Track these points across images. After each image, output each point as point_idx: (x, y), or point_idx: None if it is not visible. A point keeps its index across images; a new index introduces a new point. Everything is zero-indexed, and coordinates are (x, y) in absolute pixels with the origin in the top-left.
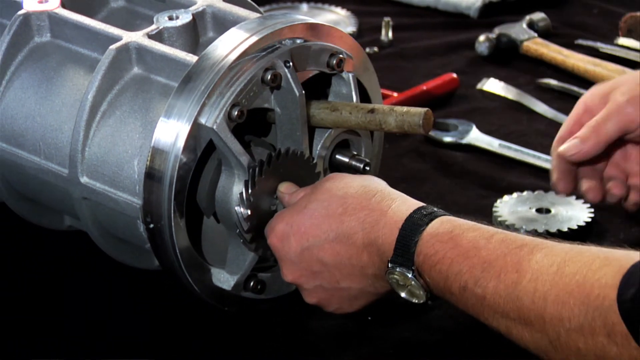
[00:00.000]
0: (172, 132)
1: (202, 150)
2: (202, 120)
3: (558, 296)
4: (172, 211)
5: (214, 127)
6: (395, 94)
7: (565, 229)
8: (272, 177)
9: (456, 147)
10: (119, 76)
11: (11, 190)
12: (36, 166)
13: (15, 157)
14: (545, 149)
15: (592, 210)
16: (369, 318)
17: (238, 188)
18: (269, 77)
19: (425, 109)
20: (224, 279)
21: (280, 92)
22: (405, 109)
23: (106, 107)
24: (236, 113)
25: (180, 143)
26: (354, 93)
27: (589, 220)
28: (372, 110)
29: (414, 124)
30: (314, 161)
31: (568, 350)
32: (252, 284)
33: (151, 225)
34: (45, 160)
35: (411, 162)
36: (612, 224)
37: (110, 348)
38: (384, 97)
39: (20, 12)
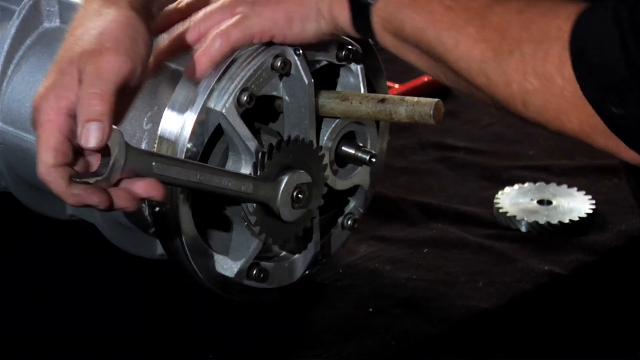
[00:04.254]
0: (179, 118)
1: (210, 135)
2: (211, 105)
3: (522, 22)
4: (178, 195)
5: (223, 111)
6: (396, 86)
7: (567, 221)
8: (280, 163)
9: None
10: None
11: (15, 177)
12: None
13: (21, 141)
14: (547, 141)
15: (594, 202)
16: (371, 309)
17: (245, 172)
18: (278, 63)
19: (436, 100)
20: (228, 266)
21: (289, 79)
22: (415, 99)
23: None
24: (245, 98)
25: (188, 127)
26: (361, 84)
27: (591, 211)
28: (382, 100)
29: (425, 114)
30: (321, 147)
31: (514, 73)
32: (255, 272)
33: (157, 209)
34: None
35: (413, 154)
36: (613, 216)
37: (111, 339)
38: None
39: None
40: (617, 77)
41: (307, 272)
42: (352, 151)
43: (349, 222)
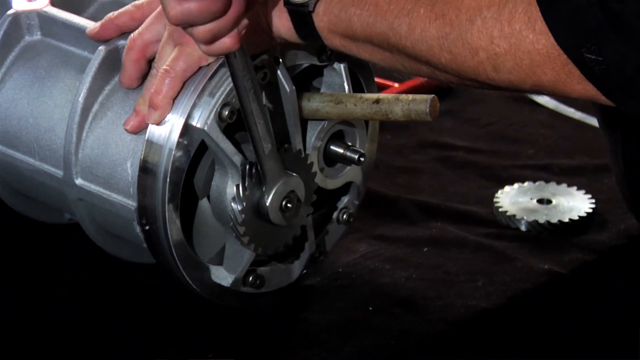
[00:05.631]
0: (163, 135)
1: (195, 150)
2: (193, 122)
3: None
4: (167, 212)
5: (205, 128)
6: (396, 85)
7: (567, 220)
8: None
9: None
10: (110, 77)
11: (8, 189)
12: (31, 167)
13: (10, 159)
14: (547, 140)
15: (594, 201)
16: (370, 309)
17: (232, 186)
18: (259, 75)
19: (431, 96)
20: (223, 276)
21: (271, 88)
22: (410, 97)
23: (97, 108)
24: (227, 113)
25: (172, 147)
26: (346, 83)
27: (590, 211)
28: (377, 101)
29: (421, 112)
30: (308, 155)
31: (479, 40)
32: (251, 279)
33: (147, 227)
34: (40, 162)
35: (412, 153)
36: (613, 215)
37: (109, 339)
38: (385, 87)
39: (10, 11)
40: (592, 22)
41: (304, 271)
42: (340, 150)
43: (345, 217)
